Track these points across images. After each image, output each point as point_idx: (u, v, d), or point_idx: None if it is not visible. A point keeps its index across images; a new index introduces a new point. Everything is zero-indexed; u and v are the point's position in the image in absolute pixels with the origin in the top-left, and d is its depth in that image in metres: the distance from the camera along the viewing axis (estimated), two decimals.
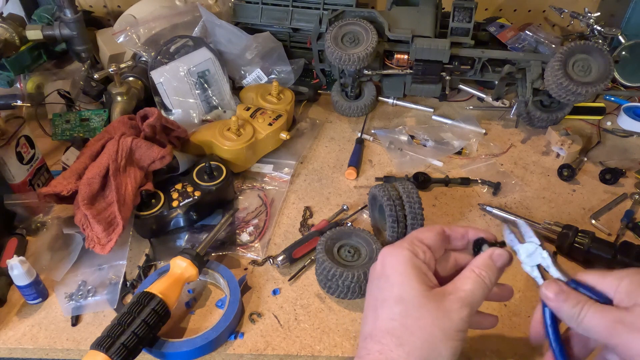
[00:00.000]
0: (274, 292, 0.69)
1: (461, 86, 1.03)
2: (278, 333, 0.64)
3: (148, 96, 0.96)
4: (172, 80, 0.91)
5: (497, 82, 0.99)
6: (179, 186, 0.76)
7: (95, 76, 0.91)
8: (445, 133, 0.97)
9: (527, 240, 0.51)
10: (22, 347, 0.63)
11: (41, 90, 0.99)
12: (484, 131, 0.98)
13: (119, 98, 0.90)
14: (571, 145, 0.90)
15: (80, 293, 0.67)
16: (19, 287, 0.65)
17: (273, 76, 1.02)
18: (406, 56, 0.99)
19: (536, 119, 0.97)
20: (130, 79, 0.96)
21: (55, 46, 1.10)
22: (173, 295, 0.62)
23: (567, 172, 0.87)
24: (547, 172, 0.90)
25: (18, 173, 0.78)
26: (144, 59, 0.99)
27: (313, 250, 0.73)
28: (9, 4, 1.10)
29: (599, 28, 0.97)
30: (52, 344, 0.63)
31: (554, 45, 0.94)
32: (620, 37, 1.02)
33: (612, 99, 1.06)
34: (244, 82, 1.02)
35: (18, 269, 0.63)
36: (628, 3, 1.09)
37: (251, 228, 0.78)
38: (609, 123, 1.01)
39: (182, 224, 0.76)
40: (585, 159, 0.91)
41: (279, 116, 0.89)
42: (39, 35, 0.97)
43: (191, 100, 0.93)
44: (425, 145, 0.94)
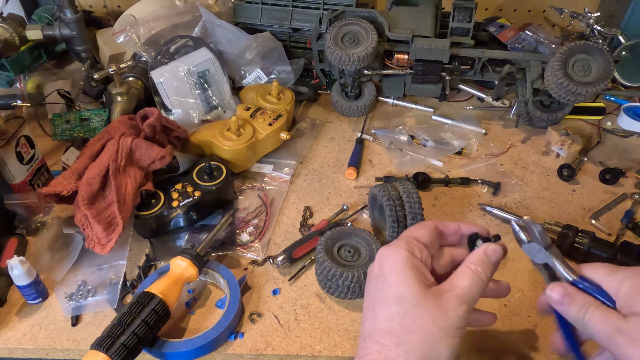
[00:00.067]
0: (274, 292, 0.69)
1: (461, 86, 1.03)
2: (278, 333, 0.64)
3: (148, 96, 0.96)
4: (172, 80, 0.91)
5: (497, 82, 0.99)
6: (179, 186, 0.76)
7: (95, 76, 0.91)
8: (445, 133, 0.97)
9: (533, 240, 0.51)
10: (22, 347, 0.63)
11: (41, 90, 0.99)
12: (484, 131, 0.98)
13: (119, 98, 0.90)
14: (571, 145, 0.90)
15: (80, 293, 0.68)
16: (19, 287, 0.65)
17: (273, 76, 1.02)
18: (406, 56, 0.99)
19: (536, 119, 0.97)
20: (130, 79, 0.96)
21: (55, 46, 1.10)
22: (173, 295, 0.62)
23: (567, 172, 0.87)
24: (547, 172, 0.90)
25: (18, 173, 0.78)
26: (144, 59, 0.99)
27: (313, 250, 0.73)
28: (9, 4, 1.10)
29: (599, 28, 0.97)
30: (52, 344, 0.63)
31: (554, 45, 0.94)
32: (620, 37, 1.01)
33: (612, 99, 1.06)
34: (244, 82, 1.02)
35: (18, 269, 0.63)
36: (628, 3, 1.09)
37: (251, 228, 0.78)
38: (609, 123, 1.01)
39: (182, 224, 0.76)
40: (585, 159, 0.91)
41: (279, 116, 0.89)
42: (39, 35, 0.97)
43: (191, 100, 0.93)
44: (425, 145, 0.94)
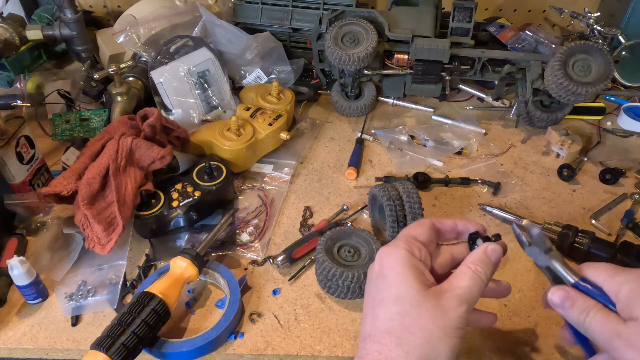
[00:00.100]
0: (274, 292, 0.69)
1: (461, 86, 1.03)
2: (278, 333, 0.64)
3: (148, 96, 0.96)
4: (172, 80, 0.91)
5: (497, 82, 0.99)
6: (179, 186, 0.76)
7: (95, 76, 0.91)
8: (445, 133, 0.97)
9: (532, 243, 0.51)
10: (22, 347, 0.63)
11: (41, 90, 0.99)
12: (484, 131, 0.98)
13: (119, 98, 0.90)
14: (571, 145, 0.90)
15: (80, 293, 0.67)
16: (19, 287, 0.65)
17: (273, 76, 1.02)
18: (406, 56, 0.99)
19: (536, 119, 0.97)
20: (130, 79, 0.96)
21: (55, 46, 1.10)
22: (173, 295, 0.62)
23: (567, 172, 0.87)
24: (547, 172, 0.90)
25: (18, 173, 0.78)
26: (144, 59, 0.99)
27: (313, 250, 0.73)
28: (9, 4, 1.10)
29: (599, 28, 0.97)
30: (52, 344, 0.63)
31: (554, 45, 0.94)
32: (620, 37, 1.01)
33: (612, 99, 1.06)
34: (244, 82, 1.02)
35: (18, 269, 0.63)
36: (628, 3, 1.09)
37: (251, 228, 0.78)
38: (609, 123, 1.01)
39: (182, 224, 0.76)
40: (585, 159, 0.91)
41: (279, 116, 0.89)
42: (39, 35, 0.97)
43: (191, 100, 0.93)
44: (425, 145, 0.94)
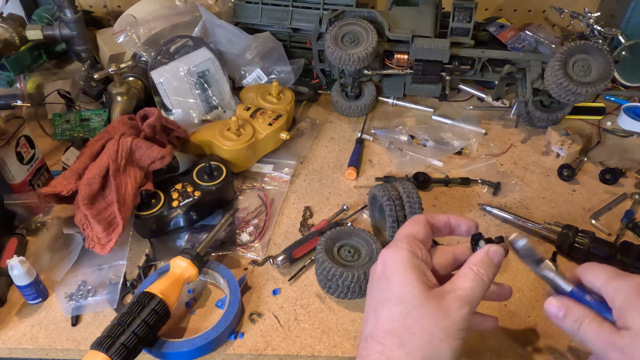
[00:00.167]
0: (274, 292, 0.69)
1: (461, 86, 1.03)
2: (278, 333, 0.64)
3: (148, 96, 0.96)
4: (172, 80, 0.91)
5: (497, 82, 0.99)
6: (179, 186, 0.76)
7: (95, 76, 0.91)
8: (445, 133, 0.97)
9: (522, 257, 0.51)
10: (22, 347, 0.63)
11: (41, 90, 0.99)
12: (484, 131, 0.98)
13: (119, 98, 0.90)
14: (571, 145, 0.90)
15: (80, 293, 0.67)
16: (19, 287, 0.65)
17: (273, 76, 1.02)
18: (406, 56, 0.99)
19: (536, 119, 0.97)
20: (130, 79, 0.96)
21: (55, 46, 1.10)
22: (173, 295, 0.62)
23: (567, 172, 0.87)
24: (547, 172, 0.90)
25: (18, 173, 0.78)
26: (144, 59, 0.99)
27: (313, 250, 0.73)
28: (9, 4, 1.10)
29: (599, 28, 0.97)
30: (52, 344, 0.63)
31: (554, 45, 0.94)
32: (620, 37, 1.01)
33: (612, 99, 1.06)
34: (244, 82, 1.02)
35: (18, 269, 0.63)
36: (628, 3, 1.09)
37: (251, 228, 0.78)
38: (609, 123, 1.01)
39: (182, 224, 0.76)
40: (585, 159, 0.91)
41: (279, 116, 0.89)
42: (39, 35, 0.97)
43: (191, 100, 0.93)
44: (425, 145, 0.94)
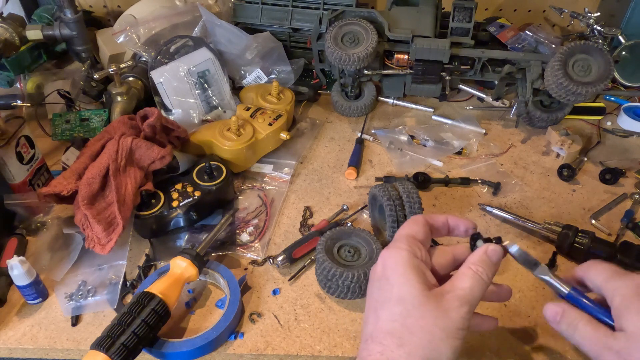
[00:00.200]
0: (274, 292, 0.69)
1: (461, 86, 1.03)
2: (278, 333, 0.64)
3: (148, 96, 0.96)
4: (172, 80, 0.91)
5: (497, 82, 0.99)
6: (179, 186, 0.76)
7: (95, 76, 0.91)
8: (445, 133, 0.97)
9: (518, 262, 0.51)
10: (22, 347, 0.63)
11: (41, 90, 0.99)
12: (484, 131, 0.98)
13: (119, 98, 0.90)
14: (571, 145, 0.90)
15: (80, 293, 0.67)
16: (19, 287, 0.65)
17: (273, 76, 1.02)
18: (406, 56, 0.99)
19: (536, 119, 0.97)
20: (130, 79, 0.96)
21: (55, 46, 1.10)
22: (173, 295, 0.62)
23: (567, 172, 0.87)
24: (547, 172, 0.90)
25: (18, 173, 0.78)
26: (144, 59, 0.99)
27: (313, 250, 0.73)
28: (9, 4, 1.10)
29: (599, 28, 0.97)
30: (52, 344, 0.63)
31: (554, 45, 0.94)
32: (620, 37, 1.01)
33: (612, 99, 1.06)
34: (244, 82, 1.02)
35: (18, 269, 0.63)
36: (628, 3, 1.09)
37: (251, 228, 0.78)
38: (609, 123, 1.01)
39: (182, 224, 0.76)
40: (585, 159, 0.91)
41: (279, 116, 0.89)
42: (39, 35, 0.97)
43: (191, 100, 0.93)
44: (425, 145, 0.94)
